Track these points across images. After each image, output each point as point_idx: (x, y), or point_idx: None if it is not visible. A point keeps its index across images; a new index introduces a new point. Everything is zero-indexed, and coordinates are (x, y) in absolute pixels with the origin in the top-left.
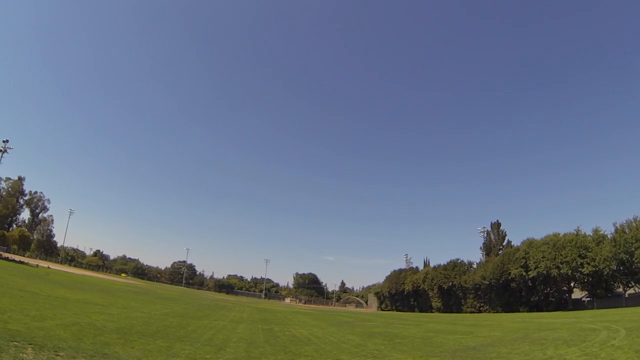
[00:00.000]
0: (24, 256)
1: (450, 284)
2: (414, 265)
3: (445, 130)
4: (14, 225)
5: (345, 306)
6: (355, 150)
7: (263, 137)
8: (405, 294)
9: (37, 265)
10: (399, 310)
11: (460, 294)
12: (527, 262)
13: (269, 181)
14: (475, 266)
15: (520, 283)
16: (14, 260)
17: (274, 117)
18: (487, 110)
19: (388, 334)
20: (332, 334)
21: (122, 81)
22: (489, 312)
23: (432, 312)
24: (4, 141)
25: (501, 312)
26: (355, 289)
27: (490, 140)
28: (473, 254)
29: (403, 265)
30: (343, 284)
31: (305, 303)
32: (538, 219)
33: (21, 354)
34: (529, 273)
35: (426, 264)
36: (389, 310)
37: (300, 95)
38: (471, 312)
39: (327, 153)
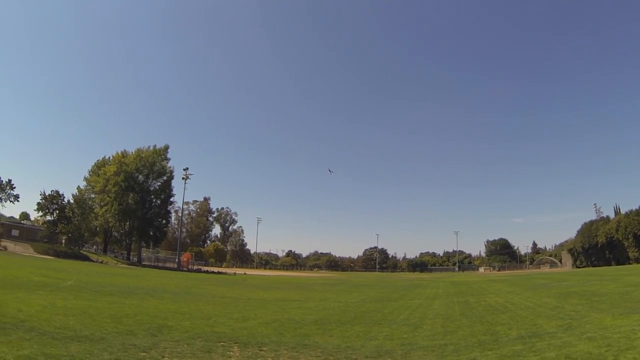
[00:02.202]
0: (221, 267)
1: None
2: (604, 215)
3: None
4: (208, 241)
5: (540, 267)
6: (528, 108)
7: (427, 118)
8: (598, 247)
9: (234, 273)
10: (594, 266)
11: None
12: None
13: (448, 158)
14: None
15: None
16: (212, 272)
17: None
18: None
19: (584, 293)
20: (527, 298)
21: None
22: None
23: (629, 263)
24: (184, 169)
25: None
26: (547, 248)
27: None
28: None
29: (593, 217)
30: (535, 244)
31: (499, 270)
32: None
33: (228, 352)
34: None
35: (617, 212)
36: (584, 266)
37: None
38: None
39: (495, 115)
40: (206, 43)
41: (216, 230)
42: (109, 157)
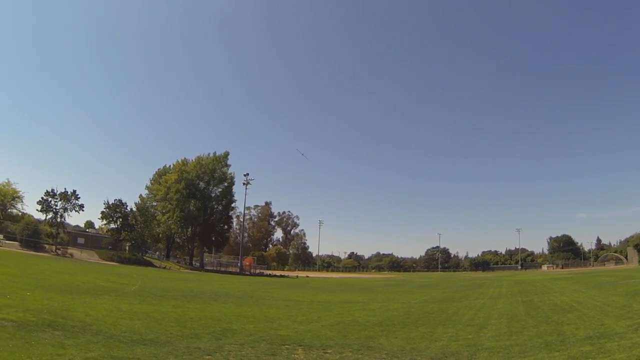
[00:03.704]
0: (283, 270)
1: None
2: None
3: None
4: (270, 245)
5: (604, 265)
6: (587, 97)
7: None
8: None
9: (297, 276)
10: None
11: None
12: None
13: (507, 154)
14: None
15: None
16: (275, 275)
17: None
18: None
19: None
20: (593, 297)
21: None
22: None
23: None
24: (245, 175)
25: None
26: (612, 244)
27: None
28: None
29: None
30: (599, 240)
31: (562, 268)
32: None
33: (293, 355)
34: None
35: None
36: None
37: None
38: None
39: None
40: (266, 46)
41: (278, 234)
42: (170, 166)
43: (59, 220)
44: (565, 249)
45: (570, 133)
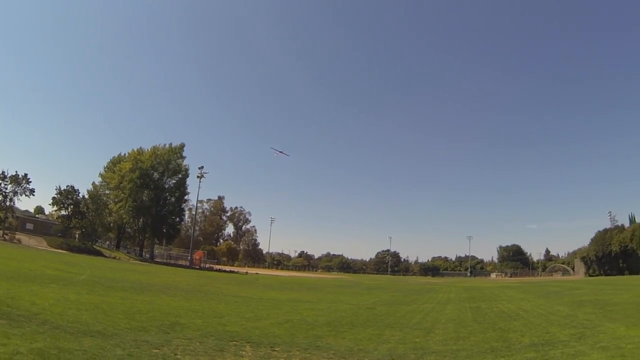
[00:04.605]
0: (233, 266)
1: None
2: (619, 223)
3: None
4: (221, 240)
5: (552, 275)
6: (546, 112)
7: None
8: (612, 255)
9: (246, 272)
10: (607, 275)
11: None
12: None
13: (463, 162)
14: None
15: None
16: (224, 271)
17: (459, 97)
18: None
19: (598, 302)
20: (540, 306)
21: (291, 86)
22: None
23: None
24: (199, 167)
25: None
26: (560, 256)
27: None
28: None
29: (608, 225)
30: (547, 252)
31: (510, 276)
32: None
33: (241, 352)
34: None
35: (632, 220)
36: (596, 275)
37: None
38: None
39: (508, 120)
40: (223, 40)
41: (229, 229)
42: (125, 154)
43: (7, 204)
44: (514, 258)
45: (524, 146)
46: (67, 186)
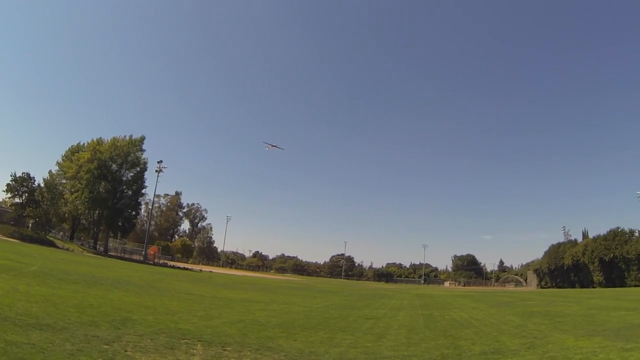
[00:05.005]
0: (187, 263)
1: (612, 255)
2: (572, 238)
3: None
4: (176, 236)
5: (505, 286)
6: (505, 128)
7: (402, 128)
8: (564, 269)
9: (200, 270)
10: (559, 287)
11: (623, 266)
12: None
13: (420, 170)
14: (637, 234)
15: None
16: (178, 268)
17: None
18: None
19: (548, 313)
20: (491, 315)
21: (251, 86)
22: None
23: (593, 287)
24: (158, 162)
25: None
26: (514, 267)
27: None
28: (635, 221)
29: (561, 239)
30: (501, 262)
31: (464, 285)
32: None
33: (192, 350)
34: None
35: (585, 235)
36: (548, 287)
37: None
38: (635, 286)
39: (469, 133)
40: (192, 36)
41: (185, 225)
42: (84, 144)
43: None
44: (468, 268)
45: (482, 159)
46: (22, 173)
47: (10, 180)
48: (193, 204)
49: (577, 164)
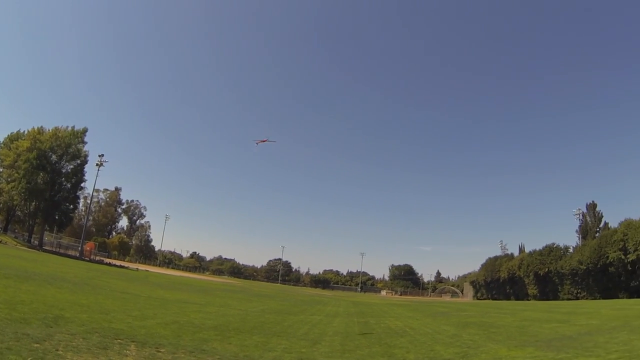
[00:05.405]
0: (124, 261)
1: (546, 269)
2: (509, 252)
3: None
4: (114, 233)
5: (441, 296)
6: (445, 145)
7: (343, 138)
8: (500, 281)
9: (137, 268)
10: (495, 299)
11: (557, 280)
12: (626, 245)
13: (360, 180)
14: (571, 250)
15: (619, 267)
16: (115, 265)
17: (360, 118)
18: (572, 94)
19: (483, 324)
20: (427, 324)
21: (200, 88)
22: (587, 298)
23: (528, 299)
24: (99, 155)
25: (599, 299)
26: (451, 279)
27: (582, 123)
28: (569, 238)
29: (498, 252)
30: (439, 273)
31: (401, 295)
32: (636, 198)
33: (125, 351)
34: (628, 256)
35: (521, 250)
36: (484, 299)
37: (381, 92)
38: (568, 299)
39: (413, 149)
40: (145, 28)
41: (123, 222)
42: (24, 132)
43: None
44: (405, 278)
45: (422, 173)
46: None
47: None
48: (132, 201)
49: (517, 181)
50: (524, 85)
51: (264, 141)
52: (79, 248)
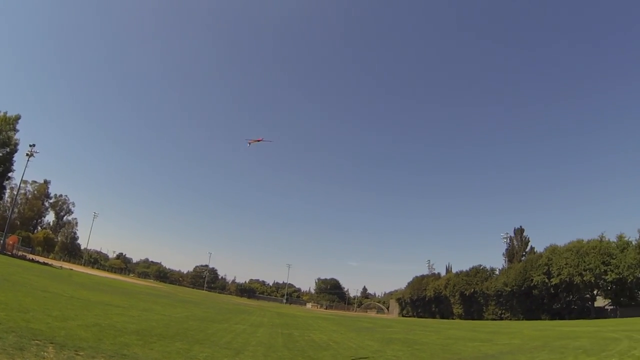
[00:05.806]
0: (48, 258)
1: (472, 290)
2: (436, 271)
3: (467, 143)
4: (39, 228)
5: (367, 312)
6: (377, 161)
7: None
8: (426, 300)
9: (61, 267)
10: (420, 317)
11: (482, 301)
12: (550, 269)
13: (288, 192)
14: (497, 272)
15: (543, 290)
16: (38, 262)
17: (293, 129)
18: (503, 124)
19: (407, 340)
20: (351, 339)
21: (139, 88)
22: (510, 319)
23: (453, 318)
24: (30, 145)
25: (522, 320)
26: (377, 295)
27: (511, 151)
28: (496, 260)
29: (425, 271)
30: (365, 289)
31: (326, 308)
32: (562, 225)
33: (43, 353)
34: (552, 280)
35: (448, 270)
36: (410, 316)
37: (313, 100)
38: (492, 319)
39: (345, 162)
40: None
41: (50, 217)
42: None
43: None
44: (332, 292)
45: (353, 189)
46: None
47: None
48: (61, 195)
49: (447, 203)
50: (455, 115)
51: (258, 140)
52: (1, 241)
